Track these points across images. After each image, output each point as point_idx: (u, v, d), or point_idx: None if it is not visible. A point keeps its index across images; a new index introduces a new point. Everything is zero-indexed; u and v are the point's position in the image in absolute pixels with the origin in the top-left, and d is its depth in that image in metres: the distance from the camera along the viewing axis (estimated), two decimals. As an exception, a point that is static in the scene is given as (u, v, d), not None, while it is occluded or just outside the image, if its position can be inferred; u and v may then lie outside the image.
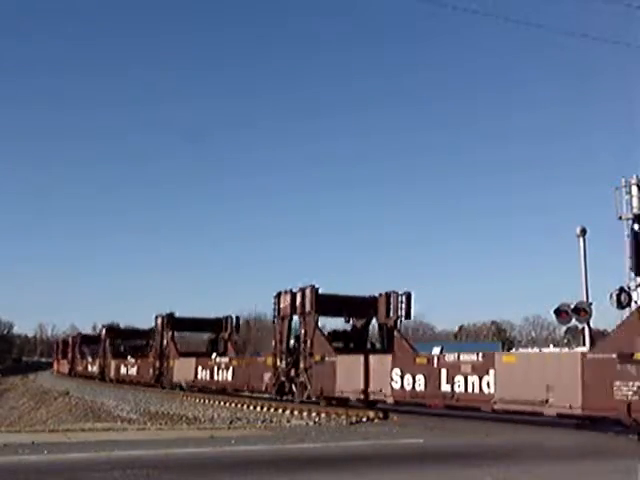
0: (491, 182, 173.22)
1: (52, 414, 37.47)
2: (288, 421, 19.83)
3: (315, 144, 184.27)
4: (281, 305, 27.31)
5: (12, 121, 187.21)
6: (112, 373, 51.52)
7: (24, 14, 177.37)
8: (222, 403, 27.77)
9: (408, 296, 25.88)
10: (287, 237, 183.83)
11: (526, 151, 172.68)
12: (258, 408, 25.06)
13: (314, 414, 21.42)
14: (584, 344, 21.56)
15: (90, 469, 10.13)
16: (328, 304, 26.09)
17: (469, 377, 18.61)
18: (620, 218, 22.07)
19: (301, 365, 25.83)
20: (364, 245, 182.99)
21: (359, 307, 26.71)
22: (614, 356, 15.04)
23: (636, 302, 20.92)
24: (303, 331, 25.91)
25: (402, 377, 21.01)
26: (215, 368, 32.86)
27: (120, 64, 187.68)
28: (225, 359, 33.30)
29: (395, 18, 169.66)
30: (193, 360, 36.03)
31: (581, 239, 21.87)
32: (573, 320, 20.83)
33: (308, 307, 25.74)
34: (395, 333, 25.75)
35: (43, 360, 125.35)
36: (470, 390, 18.60)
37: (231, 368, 31.44)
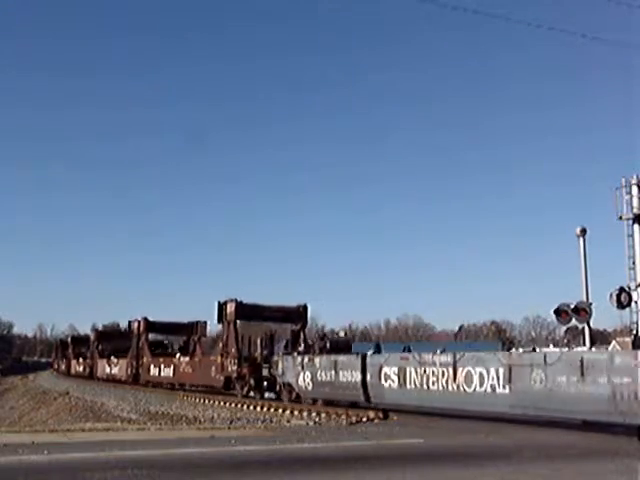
0: (491, 182, 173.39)
1: (52, 414, 37.49)
2: (288, 421, 19.84)
3: (321, 144, 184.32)
4: None
5: (13, 121, 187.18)
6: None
7: (25, 14, 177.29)
8: (222, 403, 27.78)
9: None
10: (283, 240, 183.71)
11: (526, 151, 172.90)
12: (258, 408, 25.05)
13: (314, 414, 21.40)
14: (584, 344, 21.55)
15: (90, 469, 10.13)
16: None
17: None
18: (620, 218, 22.06)
19: None
20: (362, 246, 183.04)
21: None
22: None
23: (636, 302, 20.94)
24: None
25: None
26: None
27: (120, 66, 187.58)
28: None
29: (395, 19, 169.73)
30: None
31: (581, 239, 21.83)
32: (573, 320, 20.81)
33: None
34: None
35: (43, 360, 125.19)
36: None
37: None
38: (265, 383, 28.27)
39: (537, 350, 20.98)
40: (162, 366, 39.49)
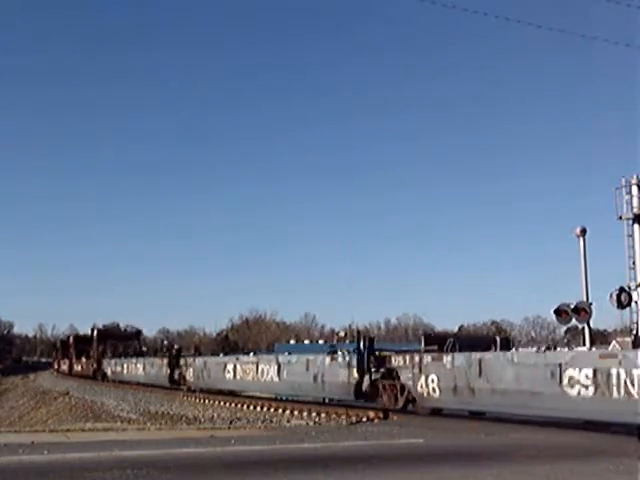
0: (492, 182, 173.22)
1: (52, 414, 37.48)
2: (288, 421, 19.84)
3: (322, 151, 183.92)
4: None
5: (13, 130, 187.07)
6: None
7: (32, 27, 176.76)
8: (222, 403, 27.77)
9: None
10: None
11: (526, 151, 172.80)
12: (258, 408, 25.05)
13: (314, 414, 21.41)
14: (584, 344, 21.55)
15: (90, 469, 10.13)
16: None
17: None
18: (620, 218, 22.08)
19: None
20: (362, 246, 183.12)
21: None
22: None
23: (636, 302, 20.94)
24: None
25: None
26: None
27: (119, 73, 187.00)
28: None
29: (395, 20, 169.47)
30: None
31: (581, 239, 21.82)
32: (573, 320, 20.80)
33: None
34: None
35: (43, 360, 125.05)
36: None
37: None
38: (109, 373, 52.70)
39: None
40: (78, 364, 65.15)
